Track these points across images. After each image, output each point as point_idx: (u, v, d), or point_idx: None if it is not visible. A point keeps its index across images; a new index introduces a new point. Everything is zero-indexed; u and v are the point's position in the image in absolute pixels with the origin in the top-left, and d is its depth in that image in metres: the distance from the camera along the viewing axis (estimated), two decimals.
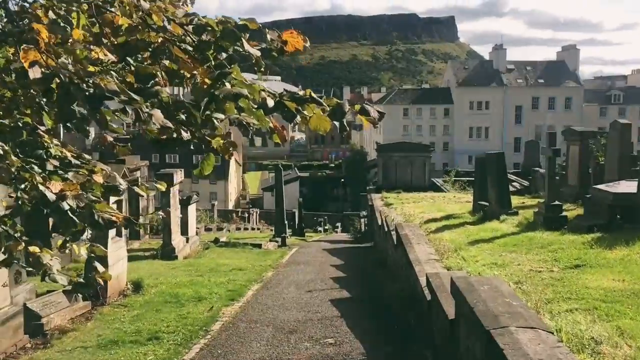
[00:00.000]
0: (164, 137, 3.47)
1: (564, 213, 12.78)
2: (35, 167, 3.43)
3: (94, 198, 3.48)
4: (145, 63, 3.51)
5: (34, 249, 3.79)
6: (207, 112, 3.43)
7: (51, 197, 3.16)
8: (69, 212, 3.25)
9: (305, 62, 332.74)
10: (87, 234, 3.80)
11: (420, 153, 30.38)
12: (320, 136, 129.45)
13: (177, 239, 17.50)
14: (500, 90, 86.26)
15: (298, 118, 3.35)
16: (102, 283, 10.46)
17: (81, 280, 4.04)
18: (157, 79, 3.40)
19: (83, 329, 8.91)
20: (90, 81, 2.94)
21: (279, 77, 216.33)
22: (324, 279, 13.04)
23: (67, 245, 4.01)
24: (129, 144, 5.32)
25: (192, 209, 19.49)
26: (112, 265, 10.96)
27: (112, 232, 11.10)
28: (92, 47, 3.30)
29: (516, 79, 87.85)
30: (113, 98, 2.99)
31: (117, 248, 11.36)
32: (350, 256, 18.67)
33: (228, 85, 3.24)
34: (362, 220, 36.15)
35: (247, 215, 48.97)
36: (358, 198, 65.41)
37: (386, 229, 14.39)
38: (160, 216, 14.66)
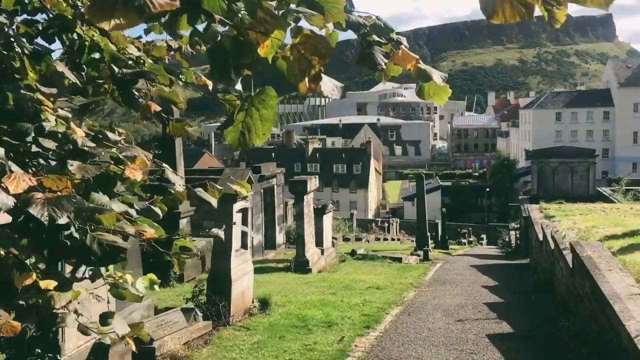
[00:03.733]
0: None
1: None
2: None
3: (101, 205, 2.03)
4: None
5: (46, 283, 2.45)
6: None
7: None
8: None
9: (447, 69, 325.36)
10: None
11: (582, 159, 26.85)
12: (464, 144, 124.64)
13: (311, 251, 16.30)
14: None
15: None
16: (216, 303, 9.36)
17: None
18: None
19: (197, 357, 7.76)
20: None
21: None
22: (476, 305, 11.00)
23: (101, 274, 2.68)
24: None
25: (327, 219, 18.23)
26: (235, 281, 9.84)
27: (235, 244, 10.01)
28: None
29: None
30: None
31: (241, 262, 10.23)
32: (503, 275, 16.30)
33: None
34: (512, 232, 33.06)
35: (387, 225, 47.36)
36: (505, 208, 61.38)
37: (552, 246, 12.00)
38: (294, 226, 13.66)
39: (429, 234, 28.37)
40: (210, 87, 3.13)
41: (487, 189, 71.01)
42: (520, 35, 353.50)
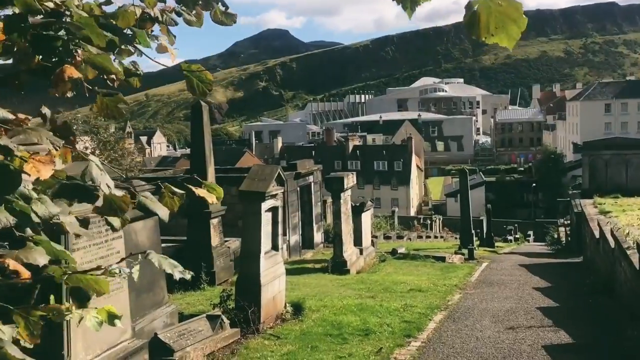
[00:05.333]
0: None
1: None
2: None
3: None
4: None
5: None
6: None
7: None
8: None
9: (490, 62, 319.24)
10: None
11: (638, 150, 25.23)
12: (508, 139, 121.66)
13: (349, 251, 15.54)
14: None
15: None
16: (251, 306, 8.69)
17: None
18: None
19: None
20: None
21: (461, 80, 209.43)
22: (528, 310, 10.06)
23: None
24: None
25: (366, 217, 17.43)
26: (265, 285, 9.16)
27: (265, 246, 9.34)
28: None
29: None
30: None
31: (271, 264, 9.54)
32: (555, 276, 15.22)
33: None
34: (561, 229, 31.61)
35: (429, 222, 46.23)
36: (552, 204, 59.39)
37: (612, 244, 10.94)
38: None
39: (473, 231, 27.23)
40: (173, 59, 2.34)
41: (534, 184, 69.12)
42: (565, 26, 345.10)
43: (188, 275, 2.33)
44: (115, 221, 2.16)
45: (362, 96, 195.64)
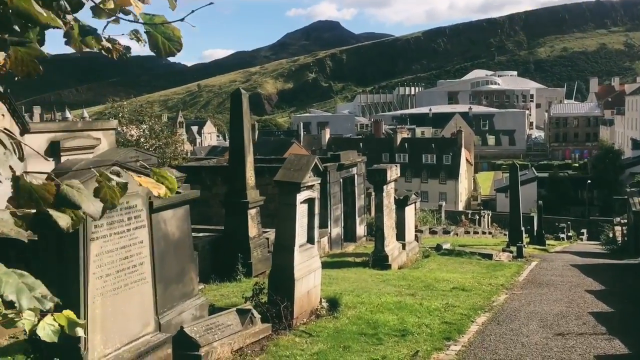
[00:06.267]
0: None
1: None
2: None
3: None
4: None
5: None
6: None
7: None
8: None
9: (546, 55, 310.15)
10: None
11: None
12: (562, 134, 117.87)
13: (390, 245, 15.05)
14: None
15: None
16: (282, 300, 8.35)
17: None
18: None
19: None
20: None
21: (515, 72, 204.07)
22: (580, 315, 9.38)
23: None
24: None
25: (409, 211, 16.88)
26: (299, 279, 8.80)
27: (300, 239, 8.97)
28: None
29: None
30: None
31: (306, 258, 9.17)
32: (610, 278, 14.36)
33: None
34: (617, 228, 30.24)
35: (477, 217, 45.16)
36: (608, 202, 57.11)
37: None
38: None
39: (523, 228, 26.25)
40: (138, 11, 1.87)
41: (589, 181, 66.82)
42: (626, 17, 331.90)
43: (48, 305, 1.66)
44: (62, 219, 1.76)
45: (412, 88, 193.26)
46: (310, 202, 9.38)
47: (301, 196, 8.92)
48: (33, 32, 1.75)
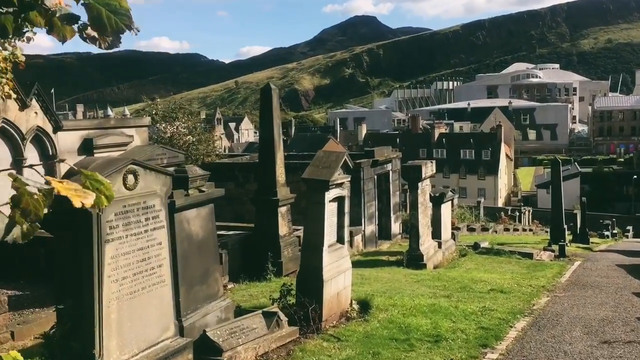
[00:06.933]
0: None
1: None
2: None
3: None
4: None
5: None
6: None
7: None
8: None
9: (589, 47, 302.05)
10: None
11: None
12: (607, 127, 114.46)
13: (426, 244, 14.59)
14: None
15: None
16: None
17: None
18: None
19: None
20: None
21: (557, 65, 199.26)
22: (627, 320, 8.81)
23: None
24: None
25: (445, 208, 16.37)
26: (327, 280, 8.46)
27: (329, 239, 8.64)
28: None
29: None
30: None
31: (336, 258, 8.83)
32: None
33: None
34: None
35: (517, 214, 43.96)
36: None
37: None
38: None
39: (565, 225, 25.32)
40: None
41: (635, 176, 64.74)
42: None
43: None
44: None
45: (450, 83, 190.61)
46: (339, 200, 9.03)
47: (330, 194, 8.58)
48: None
